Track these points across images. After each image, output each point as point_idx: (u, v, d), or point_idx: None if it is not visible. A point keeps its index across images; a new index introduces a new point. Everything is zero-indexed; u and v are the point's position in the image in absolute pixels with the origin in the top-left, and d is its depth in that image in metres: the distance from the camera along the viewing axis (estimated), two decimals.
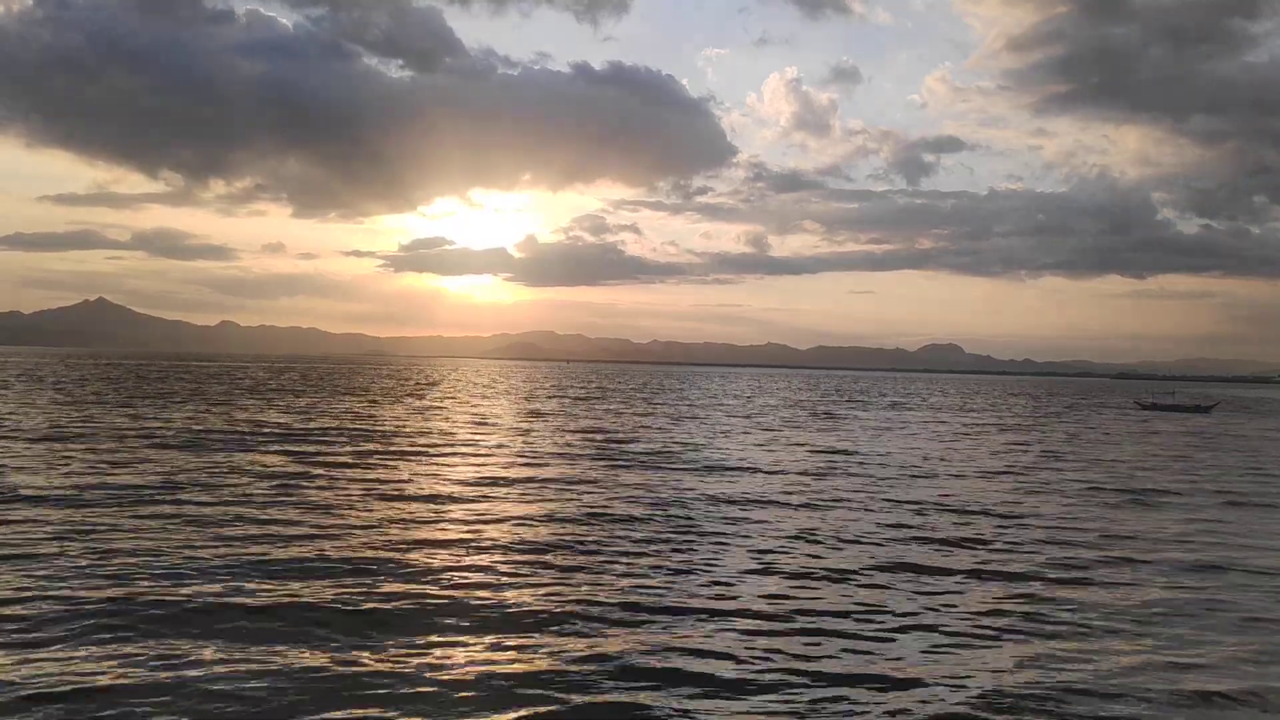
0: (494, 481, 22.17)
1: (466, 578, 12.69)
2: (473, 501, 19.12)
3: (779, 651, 10.06)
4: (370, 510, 17.63)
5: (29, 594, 11.00)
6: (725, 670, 9.45)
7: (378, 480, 21.74)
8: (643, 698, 8.71)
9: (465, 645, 9.93)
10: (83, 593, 11.18)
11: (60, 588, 11.35)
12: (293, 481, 20.92)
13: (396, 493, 19.90)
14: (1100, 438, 45.43)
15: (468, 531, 15.88)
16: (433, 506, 18.34)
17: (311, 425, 36.80)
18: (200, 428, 33.76)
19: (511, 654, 9.70)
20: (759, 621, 11.14)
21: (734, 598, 12.21)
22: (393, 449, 28.80)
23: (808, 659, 9.89)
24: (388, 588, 12.04)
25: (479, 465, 25.39)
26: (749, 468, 26.71)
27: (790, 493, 21.85)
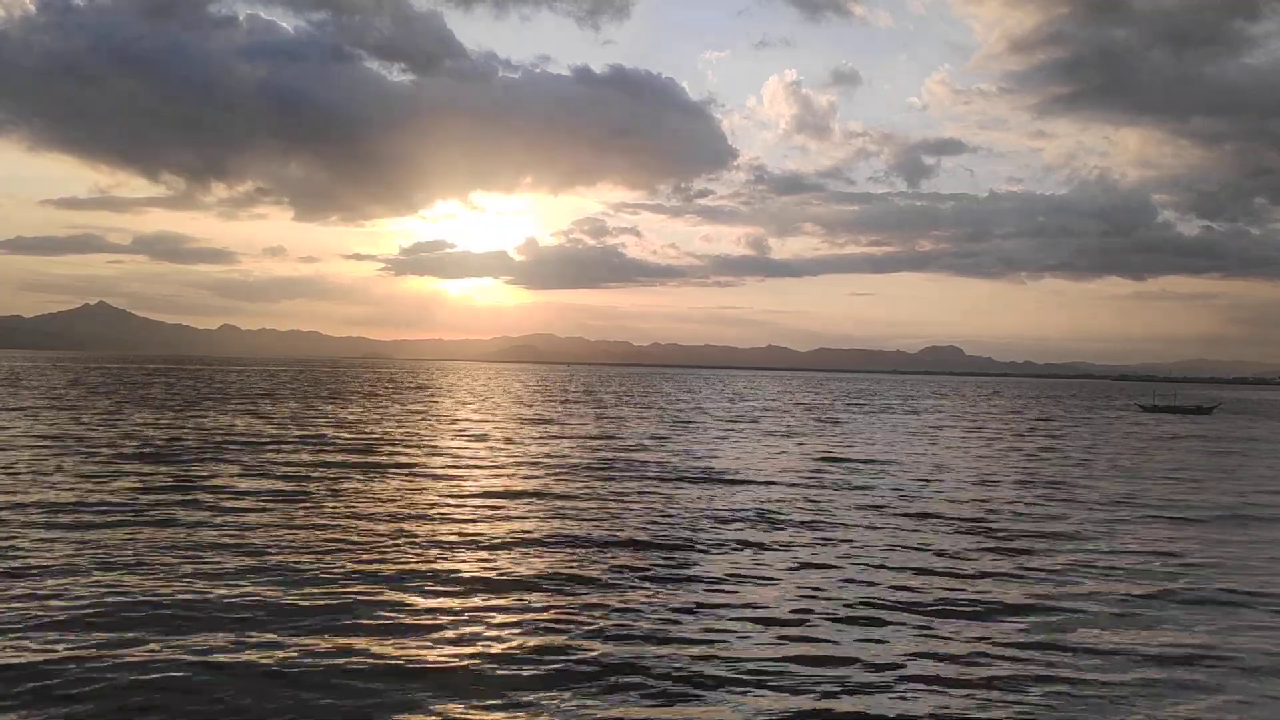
0: (480, 496, 20.72)
1: (443, 604, 11.31)
2: (456, 518, 17.66)
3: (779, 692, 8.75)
4: (340, 530, 16.34)
5: None
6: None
7: (352, 497, 20.41)
8: None
9: (441, 678, 8.63)
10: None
11: None
12: (258, 498, 19.61)
13: (372, 510, 18.54)
14: (1116, 442, 44.06)
15: (447, 553, 14.52)
16: (411, 524, 16.99)
17: (290, 433, 35.55)
18: (168, 437, 32.52)
19: (496, 686, 8.47)
20: (761, 661, 9.72)
21: (733, 634, 10.77)
22: (373, 461, 27.52)
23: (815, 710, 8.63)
24: (356, 612, 10.64)
25: (465, 477, 24.06)
26: (752, 479, 25.07)
27: (798, 507, 20.29)
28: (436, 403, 64.07)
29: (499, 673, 9.39)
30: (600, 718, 8.41)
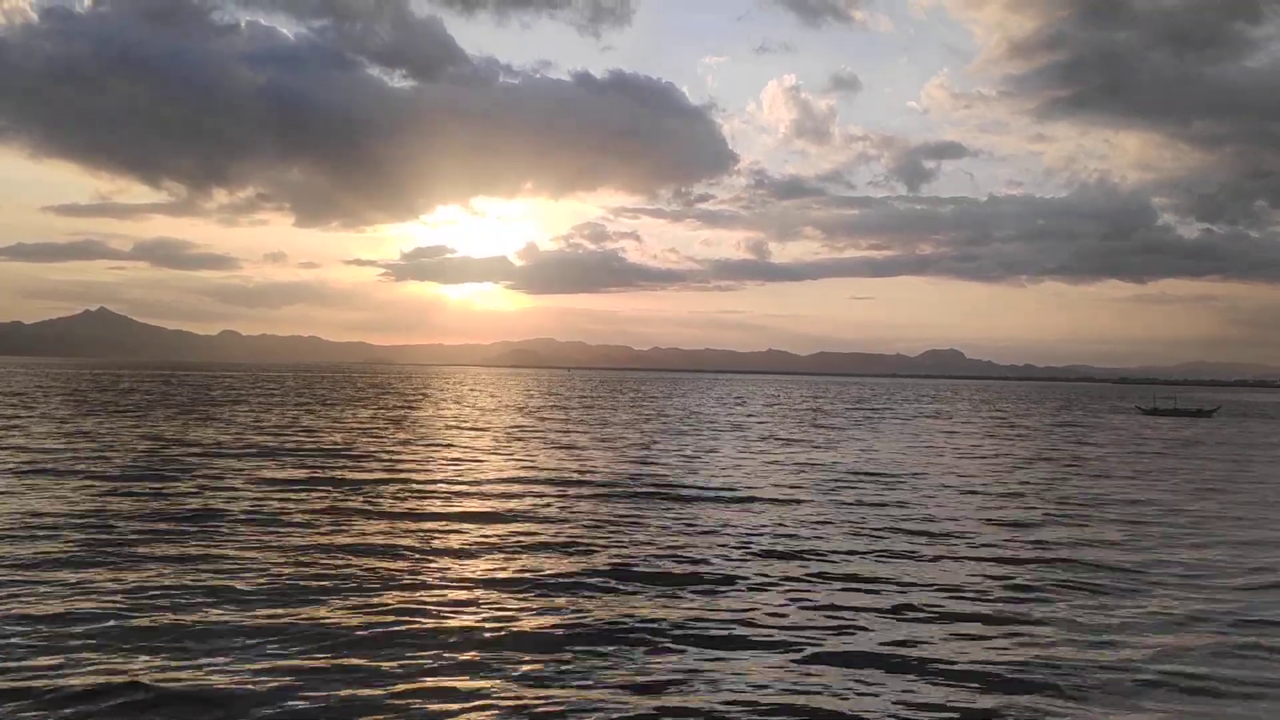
0: (461, 517, 19.62)
1: (416, 637, 10.45)
2: (435, 535, 16.82)
3: None
4: (309, 557, 15.48)
5: None
6: None
7: (326, 518, 19.56)
8: None
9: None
10: None
11: None
12: (214, 513, 18.75)
13: (340, 529, 17.65)
14: (1129, 448, 43.02)
15: (419, 582, 13.65)
16: (383, 551, 16.03)
17: (266, 440, 34.68)
18: (147, 448, 31.67)
19: None
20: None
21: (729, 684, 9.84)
22: (354, 477, 26.62)
23: None
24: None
25: (448, 495, 23.10)
26: (755, 495, 23.46)
27: (807, 527, 18.92)
28: (430, 411, 63.15)
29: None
30: None
